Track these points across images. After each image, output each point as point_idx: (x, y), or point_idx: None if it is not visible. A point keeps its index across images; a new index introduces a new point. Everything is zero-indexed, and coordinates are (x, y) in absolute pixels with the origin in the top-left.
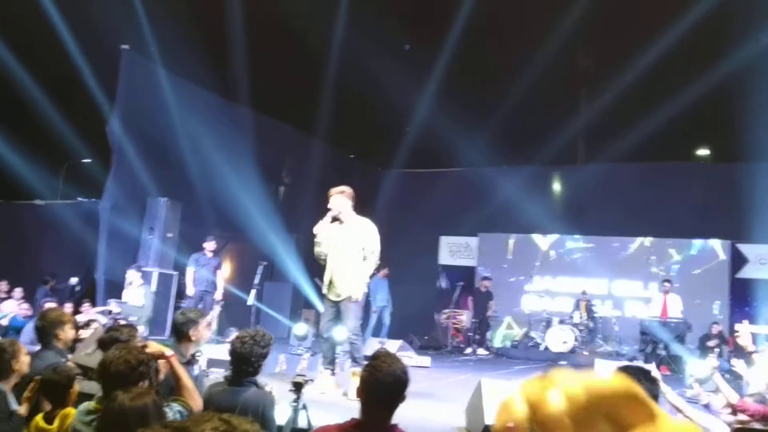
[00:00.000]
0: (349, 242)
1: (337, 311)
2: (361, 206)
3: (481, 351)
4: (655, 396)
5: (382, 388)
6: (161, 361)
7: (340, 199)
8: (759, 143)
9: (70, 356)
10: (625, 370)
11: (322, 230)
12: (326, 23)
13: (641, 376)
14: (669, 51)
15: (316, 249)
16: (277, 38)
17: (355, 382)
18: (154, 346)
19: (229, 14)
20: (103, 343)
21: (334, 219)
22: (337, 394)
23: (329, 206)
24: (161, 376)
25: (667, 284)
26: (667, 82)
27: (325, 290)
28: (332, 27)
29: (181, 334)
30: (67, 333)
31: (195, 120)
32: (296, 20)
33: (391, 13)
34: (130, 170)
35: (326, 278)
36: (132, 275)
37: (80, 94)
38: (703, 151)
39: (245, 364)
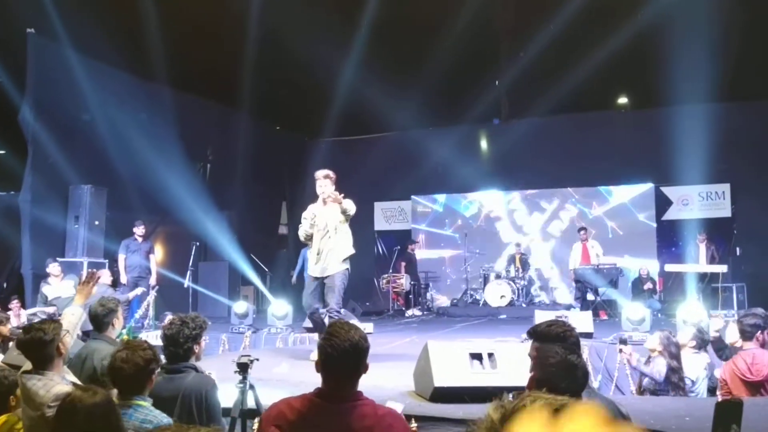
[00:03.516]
0: (332, 221)
1: (321, 286)
2: (292, 178)
3: (423, 312)
4: (576, 345)
5: (340, 357)
6: None
7: (327, 183)
8: (673, 88)
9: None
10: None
11: (313, 213)
12: None
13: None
14: (584, 3)
15: (305, 230)
16: (191, 11)
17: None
18: None
19: None
20: (24, 345)
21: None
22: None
23: (319, 191)
24: None
25: (583, 232)
26: (584, 33)
27: (311, 270)
28: None
29: (104, 325)
30: None
31: (112, 102)
32: None
33: None
34: (48, 159)
35: (312, 257)
36: (53, 268)
37: None
38: (622, 100)
39: (173, 345)
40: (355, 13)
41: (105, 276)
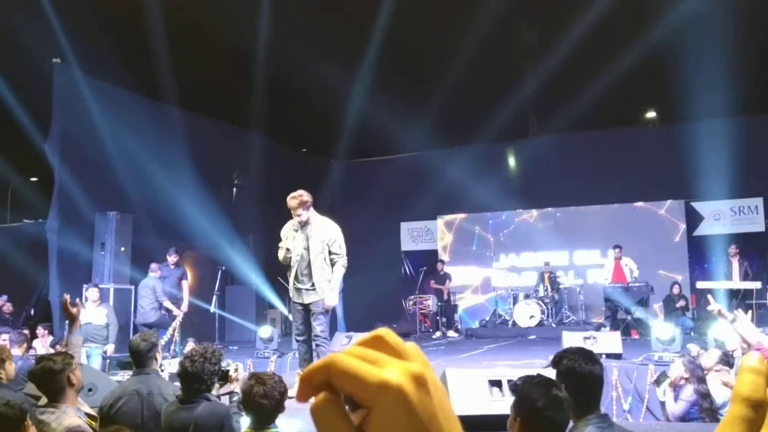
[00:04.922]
0: (314, 244)
1: (307, 313)
2: (316, 199)
3: (451, 333)
4: (599, 377)
5: None
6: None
7: (301, 211)
8: (702, 101)
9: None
10: (564, 354)
11: (289, 236)
12: (252, 17)
13: (580, 358)
14: (608, 16)
15: (283, 254)
16: (205, 38)
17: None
18: None
19: (149, 17)
20: (35, 376)
21: (302, 225)
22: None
23: (297, 217)
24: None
25: (617, 249)
26: (610, 47)
27: (292, 294)
28: (258, 21)
29: (149, 360)
30: (8, 369)
31: (136, 131)
32: (221, 17)
33: None
34: (73, 187)
35: (292, 281)
36: (92, 293)
37: (8, 115)
38: (650, 114)
39: (198, 382)
40: (367, 32)
41: (154, 270)
